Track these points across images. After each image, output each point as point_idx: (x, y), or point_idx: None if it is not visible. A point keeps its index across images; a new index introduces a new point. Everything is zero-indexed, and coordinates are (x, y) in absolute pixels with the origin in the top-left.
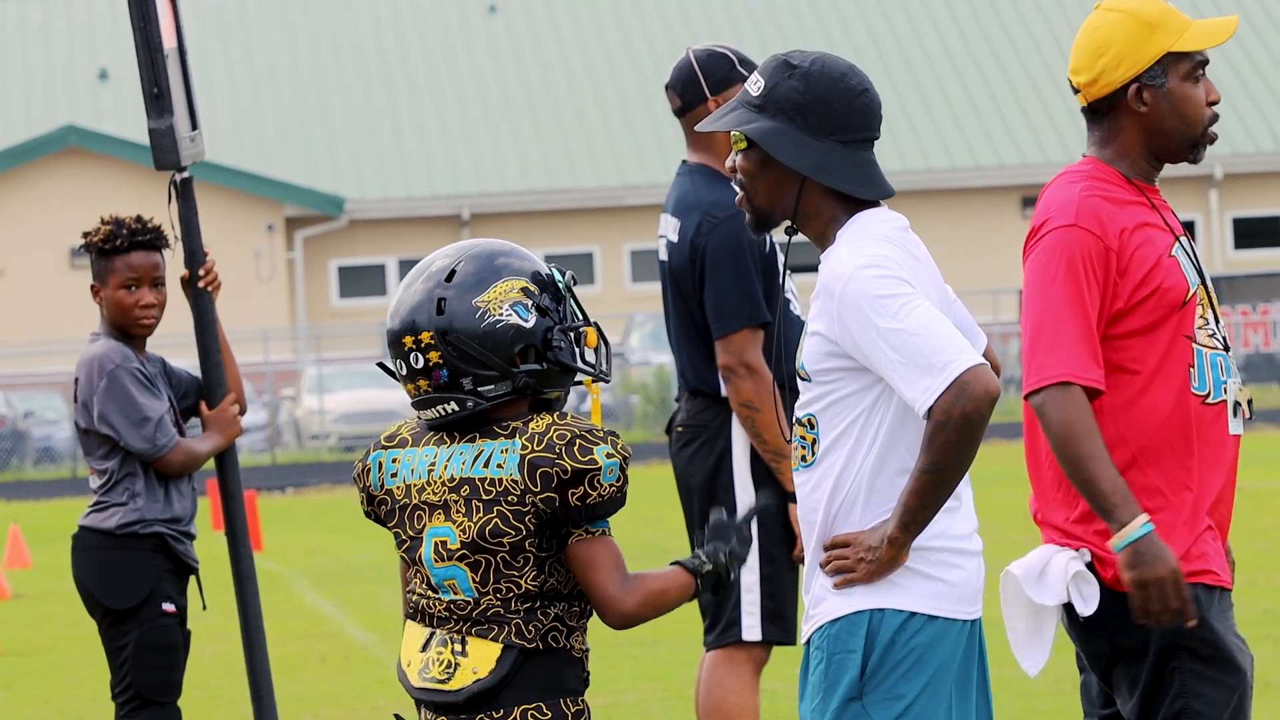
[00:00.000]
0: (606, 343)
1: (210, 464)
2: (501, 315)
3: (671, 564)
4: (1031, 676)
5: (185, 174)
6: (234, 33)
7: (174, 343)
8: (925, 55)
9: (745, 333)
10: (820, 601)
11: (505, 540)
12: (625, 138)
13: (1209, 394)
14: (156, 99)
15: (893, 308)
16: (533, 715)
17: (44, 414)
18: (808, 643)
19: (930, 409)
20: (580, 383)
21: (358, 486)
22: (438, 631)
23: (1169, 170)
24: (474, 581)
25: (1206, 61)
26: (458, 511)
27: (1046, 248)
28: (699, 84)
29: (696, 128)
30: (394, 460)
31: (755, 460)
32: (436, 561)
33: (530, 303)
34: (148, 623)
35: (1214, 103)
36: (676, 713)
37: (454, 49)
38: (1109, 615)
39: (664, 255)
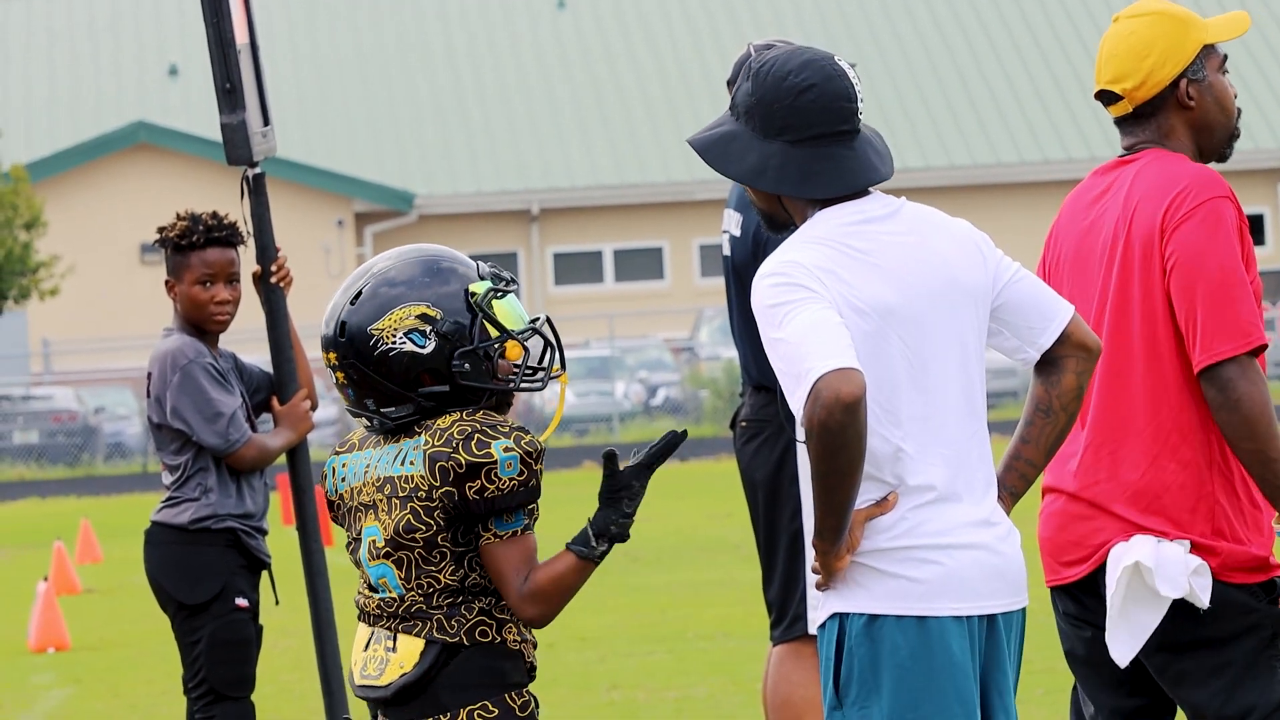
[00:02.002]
0: (554, 344)
1: (282, 458)
2: (395, 344)
3: (567, 546)
4: (1122, 667)
5: (257, 169)
6: (303, 28)
7: (245, 338)
8: (993, 50)
9: None
10: (813, 608)
11: (418, 536)
12: (694, 132)
13: None
14: (229, 94)
15: (778, 317)
16: (479, 714)
17: (115, 409)
18: None
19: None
20: (543, 383)
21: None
22: (376, 629)
23: (1235, 161)
24: (400, 578)
25: (1227, 55)
26: (383, 510)
27: (1212, 216)
28: None
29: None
30: (343, 465)
31: None
32: (370, 560)
33: (429, 329)
34: (221, 618)
35: (1235, 96)
36: (746, 708)
37: (522, 44)
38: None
39: (727, 250)
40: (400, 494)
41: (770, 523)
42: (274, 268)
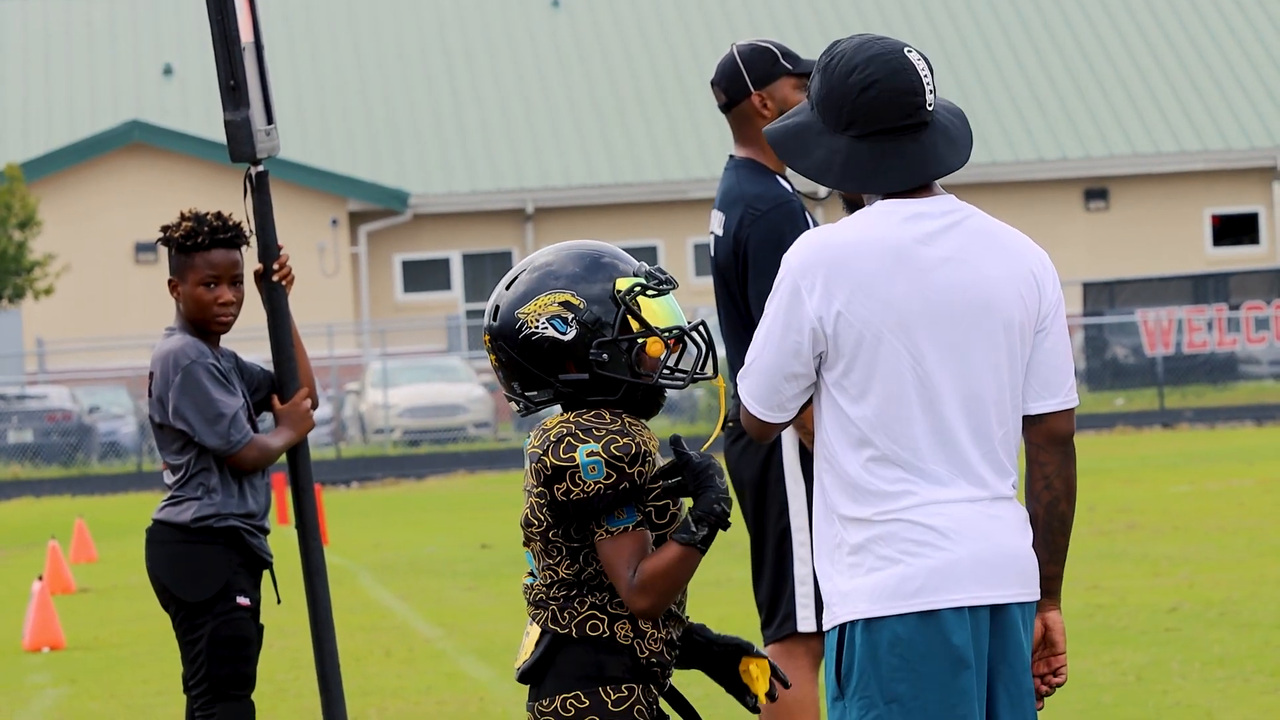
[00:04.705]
0: (701, 346)
1: (282, 457)
2: (537, 328)
3: (671, 537)
4: None
5: (260, 167)
6: (298, 28)
7: (246, 337)
8: (987, 47)
9: None
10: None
11: (535, 529)
12: (689, 131)
13: None
14: (233, 91)
15: (769, 304)
16: (571, 703)
17: (109, 409)
18: None
19: None
20: (684, 383)
21: None
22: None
23: (1230, 161)
24: (536, 565)
25: None
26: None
27: None
28: (742, 79)
29: (764, 129)
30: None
31: (805, 454)
32: (524, 547)
33: (571, 316)
34: (222, 616)
35: None
36: (742, 707)
37: (517, 43)
38: None
39: (712, 250)
40: (526, 486)
41: (758, 522)
42: (276, 266)
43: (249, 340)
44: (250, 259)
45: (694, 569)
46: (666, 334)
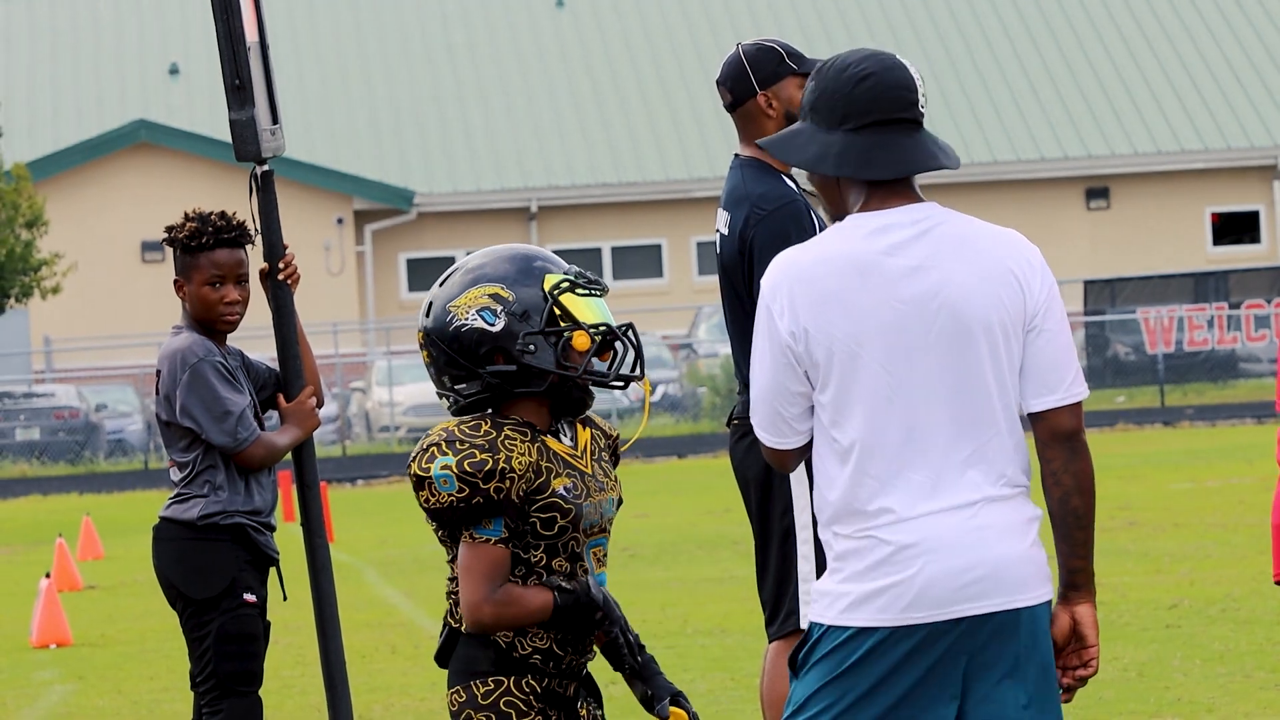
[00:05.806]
0: (630, 345)
1: (287, 455)
2: (467, 320)
3: (554, 586)
4: None
5: (265, 167)
6: (303, 27)
7: (252, 335)
8: (989, 46)
9: None
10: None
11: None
12: (692, 130)
13: None
14: (238, 90)
15: (755, 332)
16: (454, 697)
17: (116, 407)
18: None
19: None
20: (620, 385)
21: None
22: None
23: (1231, 159)
24: None
25: None
26: None
27: None
28: (748, 79)
29: (757, 140)
30: None
31: None
32: None
33: (500, 308)
34: (229, 613)
35: None
36: (744, 703)
37: (522, 43)
38: None
39: (718, 249)
40: None
41: (763, 520)
42: (281, 265)
43: (254, 339)
44: (255, 257)
45: (537, 622)
46: (593, 329)
